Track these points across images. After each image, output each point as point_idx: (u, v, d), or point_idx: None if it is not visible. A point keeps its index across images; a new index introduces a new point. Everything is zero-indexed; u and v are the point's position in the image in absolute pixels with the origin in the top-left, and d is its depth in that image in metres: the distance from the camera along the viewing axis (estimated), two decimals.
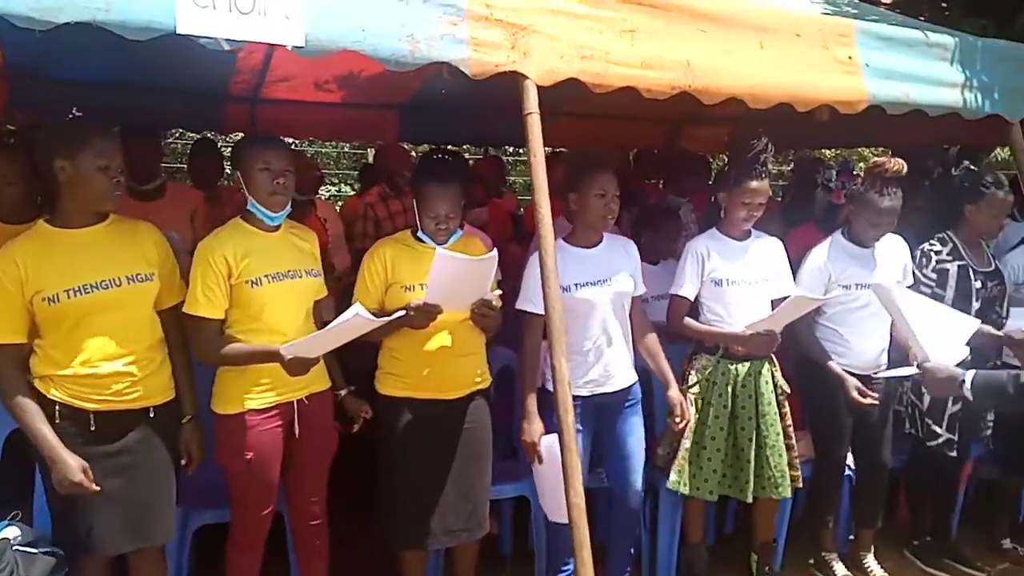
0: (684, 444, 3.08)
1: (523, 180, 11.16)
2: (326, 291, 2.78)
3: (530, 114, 2.38)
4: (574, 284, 2.85)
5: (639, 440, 3.02)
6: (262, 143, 2.57)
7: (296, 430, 2.59)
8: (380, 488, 2.77)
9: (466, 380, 2.79)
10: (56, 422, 2.25)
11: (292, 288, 2.56)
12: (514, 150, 10.20)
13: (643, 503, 3.12)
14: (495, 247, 3.65)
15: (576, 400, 2.79)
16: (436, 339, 2.70)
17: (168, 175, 10.53)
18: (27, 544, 2.24)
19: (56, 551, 2.26)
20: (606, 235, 3.01)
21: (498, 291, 2.67)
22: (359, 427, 2.77)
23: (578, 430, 2.57)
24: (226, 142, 7.50)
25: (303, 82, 4.23)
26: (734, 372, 3.09)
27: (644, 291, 3.07)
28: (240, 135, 3.82)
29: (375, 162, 5.74)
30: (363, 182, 6.26)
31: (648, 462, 3.10)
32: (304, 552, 2.80)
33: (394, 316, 2.51)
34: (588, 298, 2.87)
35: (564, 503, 2.27)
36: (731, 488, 3.13)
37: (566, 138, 5.27)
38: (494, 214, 5.09)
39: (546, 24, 2.43)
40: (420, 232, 2.76)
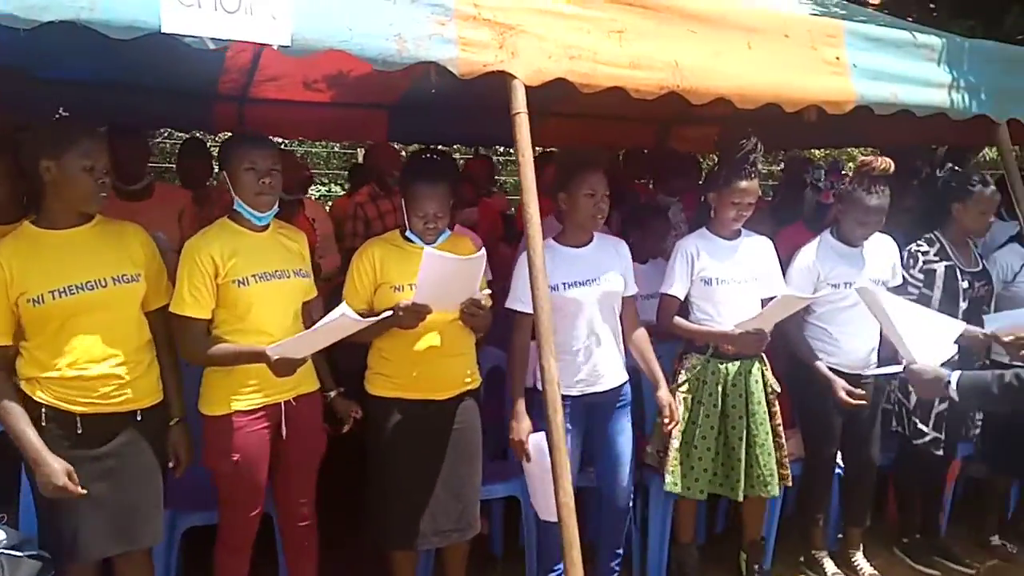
0: (673, 444, 3.08)
1: (513, 180, 11.16)
2: (316, 292, 2.77)
3: (518, 114, 2.37)
4: (562, 283, 2.85)
5: (628, 440, 3.02)
6: (248, 143, 2.56)
7: (283, 431, 2.58)
8: (370, 489, 2.76)
9: (456, 380, 2.78)
10: (42, 424, 2.24)
11: (280, 288, 2.55)
12: (504, 150, 10.21)
13: (633, 502, 3.12)
14: (485, 247, 3.68)
15: (566, 400, 2.79)
16: (426, 339, 2.69)
17: (157, 175, 10.50)
18: (12, 547, 2.21)
19: (42, 554, 2.24)
20: (597, 235, 3.01)
21: (487, 291, 2.67)
22: (349, 428, 2.76)
23: (567, 429, 2.57)
24: (215, 142, 7.47)
25: (292, 81, 4.22)
26: (724, 371, 3.10)
27: (636, 291, 3.07)
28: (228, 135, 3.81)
29: (365, 162, 5.73)
30: (353, 182, 6.24)
31: (637, 461, 3.10)
32: (293, 553, 2.79)
33: (381, 316, 2.50)
34: (576, 298, 2.87)
35: (554, 502, 2.26)
36: (722, 487, 3.14)
37: (556, 138, 5.28)
38: (484, 214, 5.09)
39: (534, 24, 2.43)
40: (409, 232, 2.75)
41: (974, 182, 3.39)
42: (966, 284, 3.34)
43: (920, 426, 3.45)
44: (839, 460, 3.46)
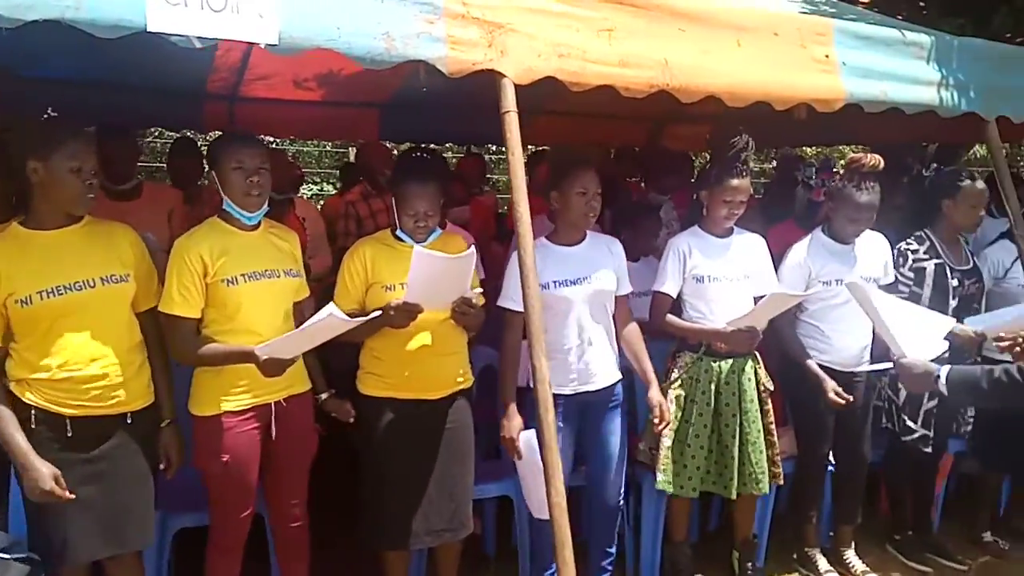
0: (665, 443, 3.08)
1: (505, 179, 11.14)
2: (308, 291, 2.76)
3: (508, 112, 2.37)
4: (553, 282, 2.85)
5: (621, 439, 3.02)
6: (235, 142, 2.54)
7: (273, 432, 2.57)
8: (362, 489, 2.75)
9: (448, 380, 2.78)
10: (32, 427, 2.22)
11: (269, 288, 2.54)
12: (496, 148, 10.21)
13: (626, 501, 3.12)
14: (477, 245, 3.67)
15: (560, 399, 2.80)
16: (418, 339, 2.68)
17: (148, 174, 10.49)
18: (1, 550, 2.20)
19: (32, 557, 2.23)
20: (590, 234, 3.00)
21: (478, 289, 2.66)
22: (348, 427, 2.74)
23: (560, 428, 2.56)
24: (206, 141, 7.45)
25: (282, 80, 4.20)
26: (717, 369, 3.09)
27: (630, 290, 3.06)
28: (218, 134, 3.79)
29: (357, 161, 5.71)
30: (344, 181, 6.24)
31: (630, 459, 3.10)
32: (285, 554, 2.78)
33: (370, 316, 2.49)
34: (566, 296, 2.87)
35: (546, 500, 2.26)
36: (715, 485, 3.13)
37: (547, 136, 5.28)
38: (476, 212, 5.08)
39: (523, 22, 2.42)
40: (399, 231, 2.74)
41: (962, 178, 3.43)
42: (956, 282, 3.35)
43: (909, 423, 3.46)
44: (831, 457, 3.47)
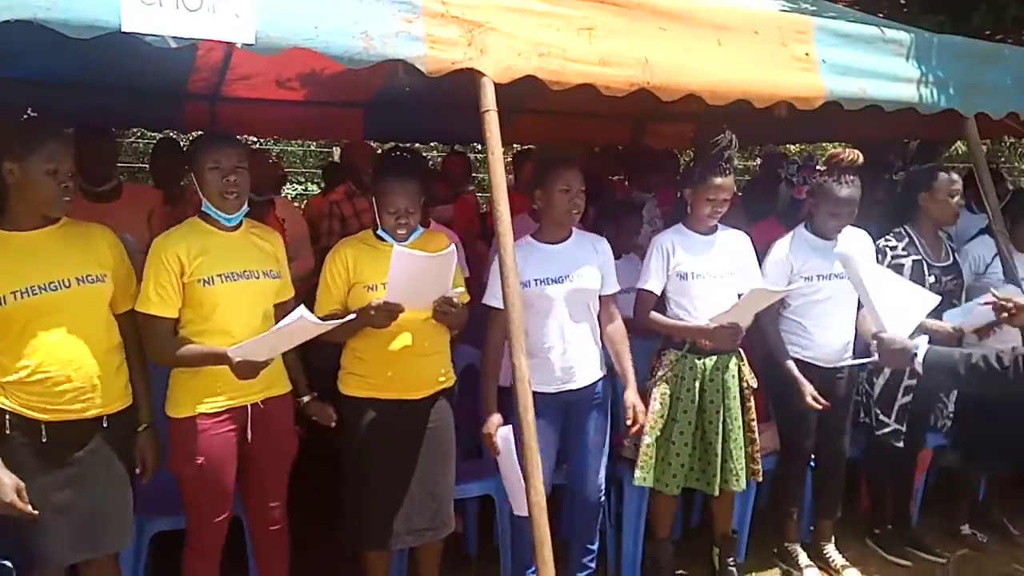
0: (645, 440, 3.08)
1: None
2: (291, 292, 2.73)
3: (488, 111, 2.37)
4: (534, 280, 2.85)
5: (602, 437, 3.01)
6: (212, 141, 2.53)
7: (249, 434, 2.55)
8: (343, 489, 2.74)
9: (430, 380, 2.77)
10: (7, 432, 2.20)
11: (247, 289, 2.52)
12: (482, 147, 10.17)
13: (608, 498, 3.12)
14: (463, 244, 3.66)
15: (542, 397, 2.78)
16: (400, 339, 2.67)
17: (130, 175, 10.40)
18: None
19: (3, 564, 2.20)
20: (576, 232, 3.00)
21: (460, 288, 2.65)
22: (329, 429, 2.72)
23: (542, 426, 2.55)
24: (188, 141, 7.41)
25: (264, 80, 4.19)
26: (701, 366, 3.09)
27: (616, 289, 3.05)
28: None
29: (342, 160, 5.69)
30: (328, 180, 6.20)
31: (612, 457, 3.10)
32: (264, 558, 2.75)
33: (344, 319, 2.47)
34: (548, 294, 2.86)
35: (524, 497, 2.26)
36: (698, 481, 3.13)
37: (531, 135, 5.28)
38: (461, 211, 5.07)
39: (503, 21, 2.42)
40: (381, 230, 2.73)
41: (935, 170, 3.49)
42: (932, 279, 3.36)
43: (882, 417, 3.48)
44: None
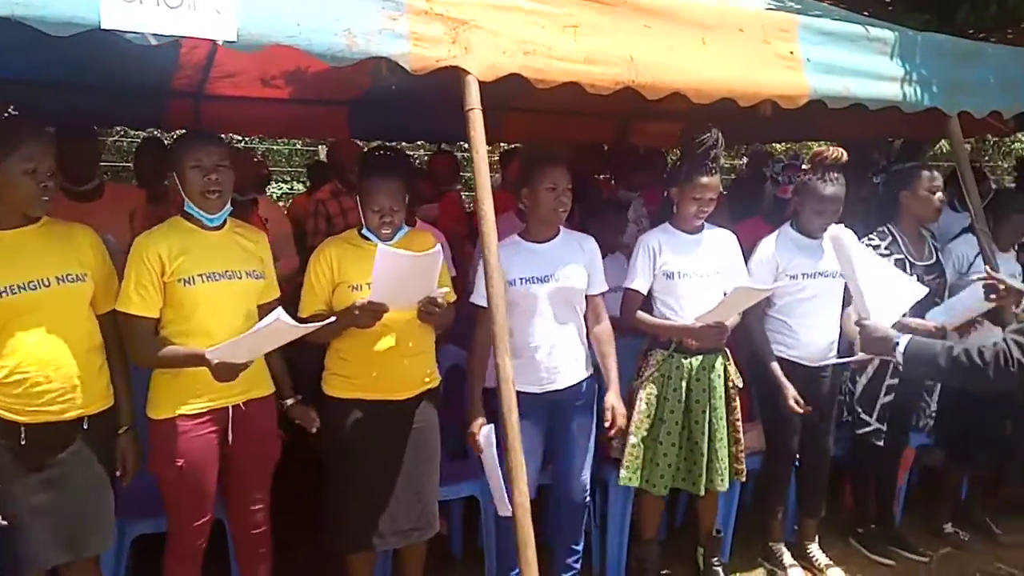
0: (631, 440, 3.08)
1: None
2: (277, 293, 2.71)
3: (472, 110, 2.36)
4: (519, 279, 2.84)
5: (588, 437, 3.00)
6: (193, 140, 2.50)
7: (230, 437, 2.53)
8: (327, 491, 2.72)
9: (416, 380, 2.75)
10: None
11: (229, 289, 2.49)
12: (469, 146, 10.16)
13: (593, 499, 3.12)
14: (450, 244, 3.64)
15: (528, 397, 2.78)
16: (385, 339, 2.65)
17: (113, 174, 10.32)
18: None
19: None
20: (564, 231, 2.99)
21: (445, 288, 2.64)
22: (312, 433, 2.70)
23: (521, 423, 2.53)
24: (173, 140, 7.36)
25: (249, 78, 4.16)
26: (688, 366, 3.09)
27: (604, 289, 3.03)
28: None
29: (328, 158, 5.66)
30: (312, 179, 6.17)
31: (597, 456, 3.09)
32: (246, 560, 2.72)
33: (323, 323, 2.45)
34: (533, 293, 2.85)
35: (505, 497, 2.24)
36: (684, 481, 3.13)
37: (517, 134, 5.27)
38: (447, 209, 5.05)
39: (488, 19, 2.40)
40: (365, 230, 2.72)
41: (916, 168, 3.52)
42: (915, 277, 3.36)
43: (863, 416, 3.50)
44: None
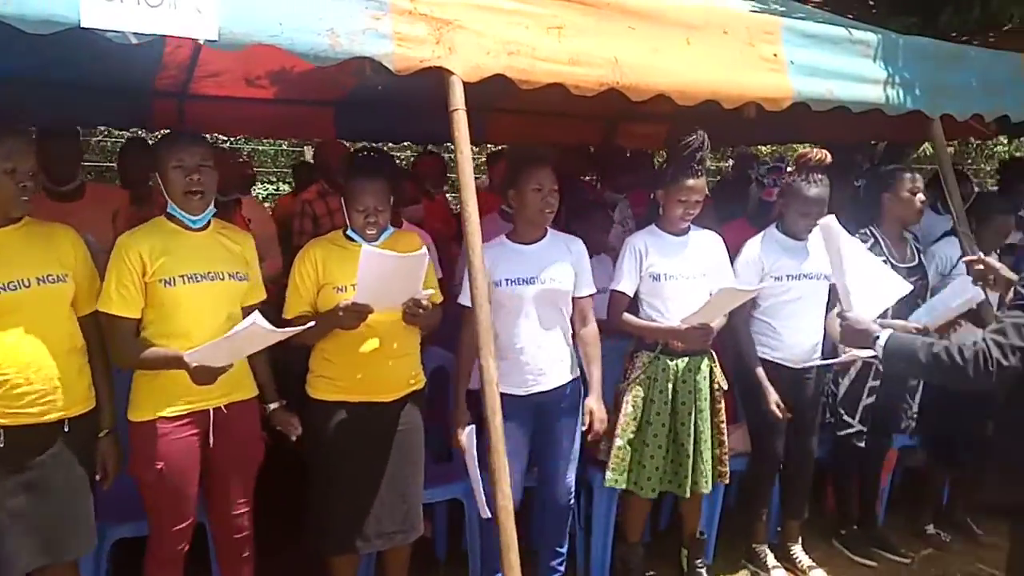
0: (617, 442, 3.08)
1: None
2: (262, 295, 2.69)
3: (456, 110, 2.35)
4: (504, 280, 2.83)
5: (573, 439, 3.00)
6: (175, 140, 2.49)
7: (211, 440, 2.50)
8: (312, 493, 2.70)
9: (400, 382, 2.74)
10: None
11: (210, 290, 2.47)
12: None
13: (577, 501, 3.11)
14: (437, 246, 3.63)
15: (513, 399, 2.78)
16: (369, 341, 2.64)
17: (97, 174, 10.23)
18: None
19: None
20: (552, 232, 2.98)
21: (430, 290, 2.62)
22: (295, 439, 2.68)
23: (506, 425, 2.52)
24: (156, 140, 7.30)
25: (233, 78, 4.13)
26: (674, 368, 3.09)
27: (592, 291, 3.02)
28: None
29: (315, 159, 5.64)
30: (297, 180, 6.14)
31: (581, 459, 3.08)
32: (228, 565, 2.69)
33: (303, 327, 2.42)
34: (519, 295, 2.85)
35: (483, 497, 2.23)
36: (670, 484, 3.13)
37: (504, 135, 5.26)
38: (434, 212, 5.03)
39: (472, 19, 2.40)
40: (350, 231, 2.71)
41: (896, 170, 3.55)
42: None
43: (846, 417, 3.52)
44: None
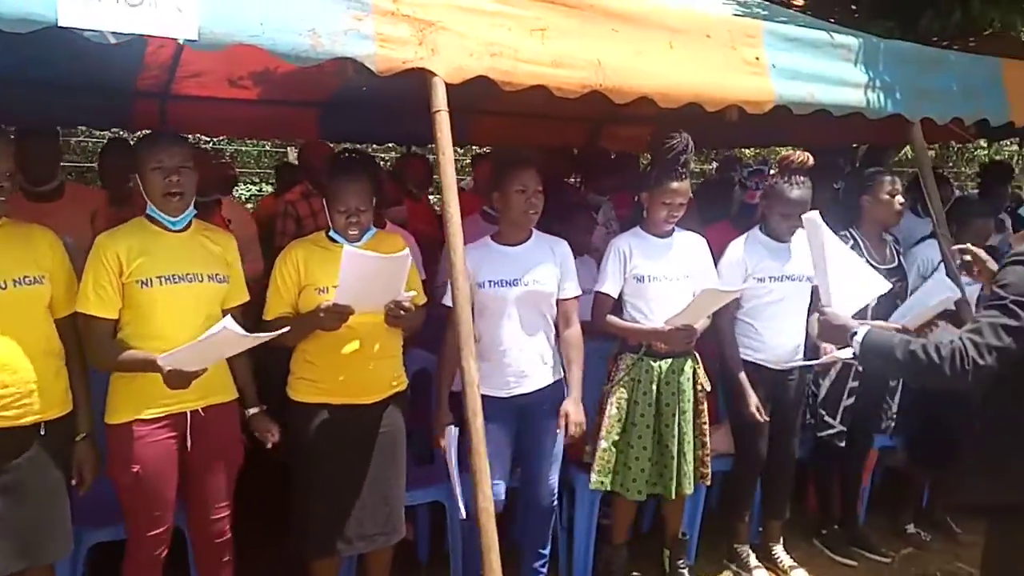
0: (601, 445, 3.08)
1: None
2: (245, 297, 2.68)
3: (439, 112, 2.34)
4: (488, 281, 2.83)
5: (555, 441, 2.99)
6: (154, 141, 2.47)
7: (188, 443, 2.48)
8: (293, 497, 2.68)
9: (383, 384, 2.73)
10: None
11: (188, 292, 2.45)
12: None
13: (560, 503, 3.11)
14: (422, 248, 3.62)
15: (496, 401, 2.79)
16: (351, 343, 2.62)
17: (78, 175, 10.14)
18: None
19: None
20: (537, 234, 2.98)
21: (412, 292, 2.61)
22: (271, 446, 2.66)
23: (489, 427, 2.51)
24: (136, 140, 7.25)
25: (216, 78, 4.11)
26: (657, 369, 3.09)
27: (576, 293, 3.01)
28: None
29: (299, 159, 5.62)
30: (280, 181, 6.10)
31: (565, 461, 3.08)
32: (207, 570, 2.66)
33: (277, 333, 2.39)
34: (502, 296, 2.85)
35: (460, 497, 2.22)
36: (655, 486, 3.13)
37: (489, 137, 5.27)
38: (420, 213, 5.02)
39: (455, 20, 2.40)
40: (332, 232, 2.70)
41: (875, 173, 3.59)
42: None
43: (827, 418, 3.54)
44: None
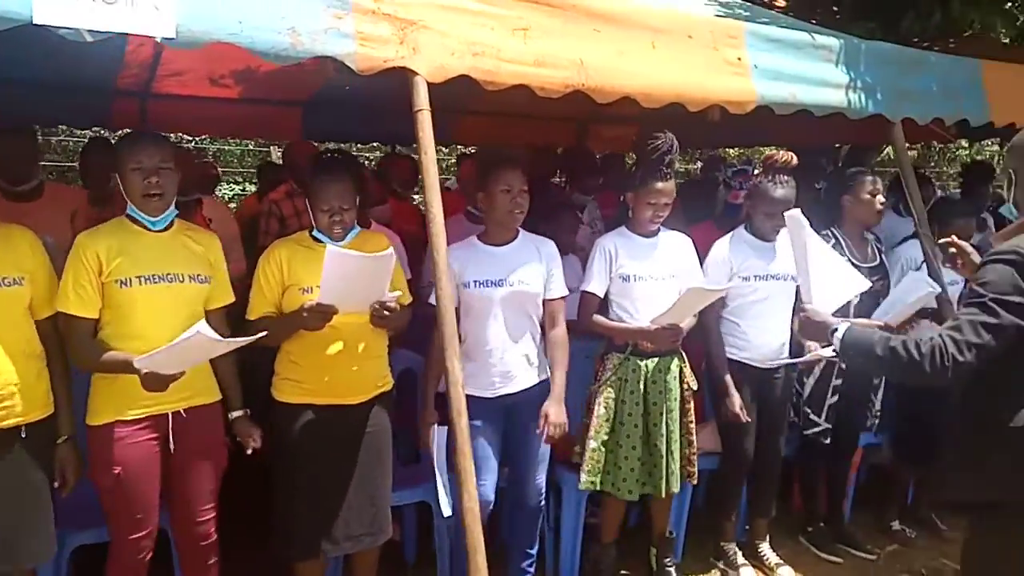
0: (590, 444, 3.08)
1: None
2: (230, 298, 2.66)
3: (420, 111, 2.33)
4: (473, 281, 2.83)
5: (542, 440, 2.97)
6: (134, 141, 2.45)
7: (171, 445, 2.46)
8: (276, 497, 2.66)
9: (368, 384, 2.72)
10: None
11: (168, 292, 2.43)
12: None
13: (548, 503, 3.11)
14: (408, 248, 3.60)
15: (482, 401, 2.79)
16: (336, 343, 2.61)
17: (59, 174, 10.05)
18: None
19: None
20: (523, 234, 2.97)
21: (397, 292, 2.60)
22: (252, 451, 2.64)
23: (476, 427, 2.51)
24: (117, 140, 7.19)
25: (197, 77, 4.08)
26: (644, 368, 3.09)
27: (563, 294, 3.01)
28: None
29: (283, 159, 5.59)
30: (263, 180, 6.05)
31: (552, 461, 3.08)
32: (192, 573, 2.64)
33: (255, 338, 2.36)
34: (487, 296, 2.84)
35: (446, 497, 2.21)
36: (645, 485, 3.12)
37: (474, 136, 5.27)
38: (405, 213, 5.00)
39: (436, 19, 2.39)
40: (316, 231, 2.68)
41: (856, 173, 3.60)
42: None
43: (812, 416, 3.56)
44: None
